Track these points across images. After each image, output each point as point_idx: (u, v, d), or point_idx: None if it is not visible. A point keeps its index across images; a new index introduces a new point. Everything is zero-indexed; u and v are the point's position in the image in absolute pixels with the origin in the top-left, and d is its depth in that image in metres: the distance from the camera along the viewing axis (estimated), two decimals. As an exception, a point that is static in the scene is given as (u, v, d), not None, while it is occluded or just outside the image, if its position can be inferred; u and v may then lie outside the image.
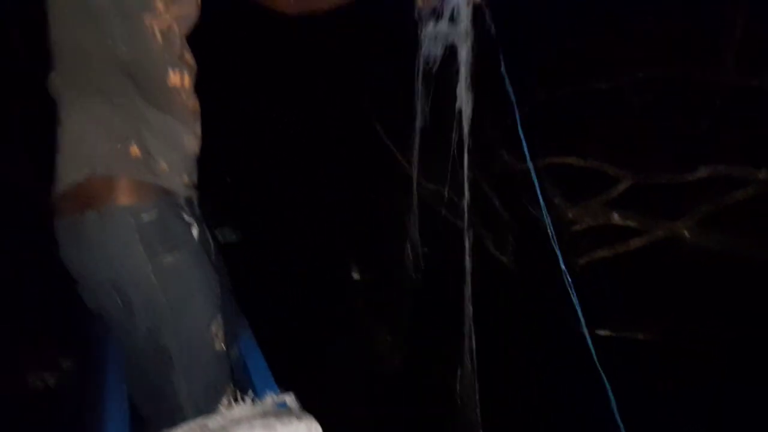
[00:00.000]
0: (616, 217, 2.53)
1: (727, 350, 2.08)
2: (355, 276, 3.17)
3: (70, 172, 1.02)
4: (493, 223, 3.02)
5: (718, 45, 2.31)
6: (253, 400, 0.97)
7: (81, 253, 1.04)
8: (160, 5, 1.03)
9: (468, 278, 1.15)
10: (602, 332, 2.27)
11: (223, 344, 1.09)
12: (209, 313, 1.09)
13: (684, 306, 2.29)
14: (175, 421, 0.93)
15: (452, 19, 0.99)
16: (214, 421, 0.90)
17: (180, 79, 1.09)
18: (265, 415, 0.92)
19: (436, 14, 0.99)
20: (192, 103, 1.14)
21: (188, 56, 1.13)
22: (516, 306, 2.61)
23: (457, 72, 1.02)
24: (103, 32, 0.99)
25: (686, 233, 2.29)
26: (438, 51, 1.00)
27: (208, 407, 0.96)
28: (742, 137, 2.24)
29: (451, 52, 1.01)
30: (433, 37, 0.99)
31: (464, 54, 0.97)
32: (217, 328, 1.09)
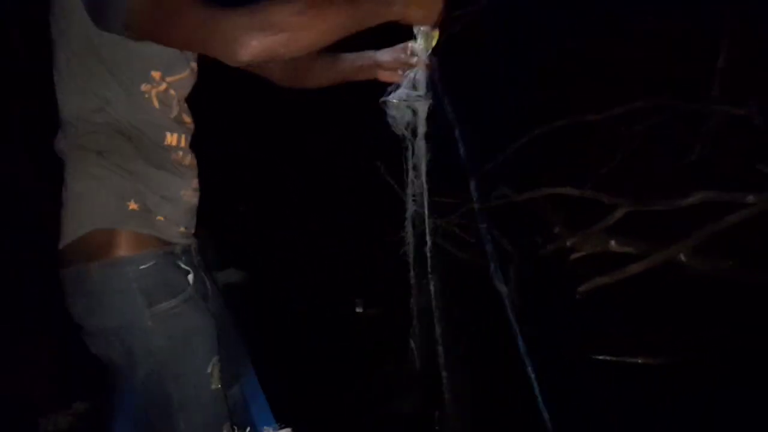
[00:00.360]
0: (614, 244, 2.59)
1: (726, 373, 2.11)
2: (359, 309, 3.22)
3: (73, 226, 1.10)
4: (495, 254, 3.07)
5: (704, 76, 2.41)
6: None
7: (84, 301, 1.11)
8: (156, 75, 1.10)
9: (438, 327, 1.24)
10: (602, 357, 2.30)
11: (219, 384, 1.15)
12: (206, 355, 1.14)
13: (683, 329, 2.32)
14: None
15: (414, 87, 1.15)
16: None
17: (177, 139, 1.16)
18: None
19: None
20: (189, 159, 1.21)
21: (186, 117, 1.21)
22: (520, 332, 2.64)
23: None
24: (103, 100, 1.07)
25: (683, 258, 2.34)
26: (407, 115, 1.16)
27: None
28: (731, 164, 2.31)
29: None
30: (398, 105, 1.14)
31: (422, 114, 1.14)
32: (213, 369, 1.14)
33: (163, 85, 1.13)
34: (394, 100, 1.14)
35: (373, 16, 0.98)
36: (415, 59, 1.16)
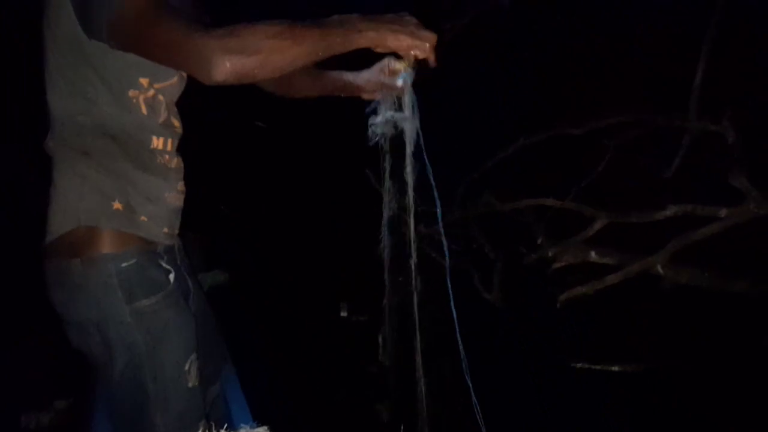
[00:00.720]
0: (593, 255, 2.65)
1: (700, 379, 2.17)
2: (344, 314, 3.25)
3: (58, 223, 1.14)
4: (479, 262, 3.13)
5: (681, 93, 2.49)
6: None
7: (66, 295, 1.15)
8: (144, 81, 1.14)
9: (417, 335, 1.29)
10: (579, 365, 2.36)
11: (197, 381, 1.19)
12: (184, 353, 1.18)
13: (659, 338, 2.39)
14: None
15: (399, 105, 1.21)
16: None
17: (163, 142, 1.20)
18: None
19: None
20: (175, 162, 1.25)
21: (175, 121, 1.25)
22: (502, 339, 2.70)
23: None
24: (90, 102, 1.11)
25: (660, 269, 2.41)
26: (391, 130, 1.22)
27: None
28: (705, 179, 2.39)
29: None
30: (383, 122, 1.20)
31: (409, 133, 1.19)
32: (191, 366, 1.18)
33: (151, 91, 1.15)
34: (378, 120, 1.19)
35: (345, 43, 1.01)
36: (398, 82, 1.19)
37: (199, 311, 1.31)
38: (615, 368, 2.31)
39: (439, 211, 1.21)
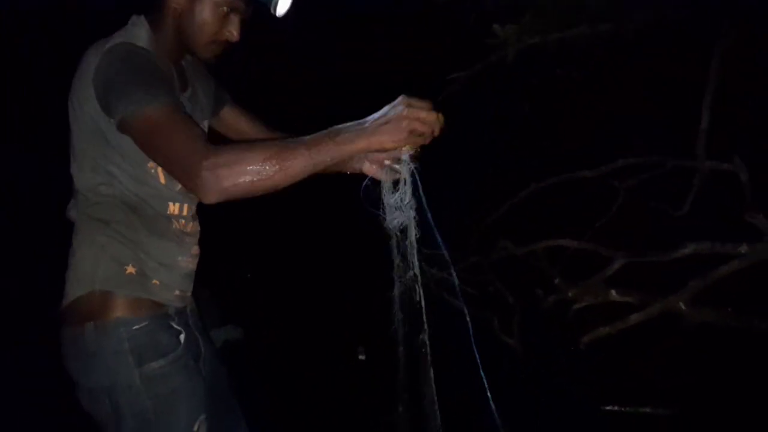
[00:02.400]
0: (614, 294, 2.66)
1: (730, 418, 2.14)
2: (362, 357, 3.22)
3: (74, 288, 1.19)
4: (497, 307, 3.13)
5: (688, 134, 2.55)
6: None
7: (79, 360, 1.18)
8: None
9: (431, 383, 1.30)
10: (610, 407, 2.32)
11: None
12: (192, 414, 1.19)
13: (685, 378, 2.36)
14: None
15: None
16: None
17: (179, 208, 1.25)
18: None
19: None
20: (191, 227, 1.30)
21: None
22: (522, 384, 2.67)
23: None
24: (110, 176, 1.18)
25: (682, 307, 2.41)
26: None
27: None
28: (721, 216, 2.42)
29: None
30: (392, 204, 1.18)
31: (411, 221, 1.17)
32: (199, 428, 1.19)
33: None
34: (389, 221, 1.17)
35: (338, 156, 1.01)
36: (401, 169, 1.13)
37: (211, 372, 1.33)
38: (647, 410, 2.27)
39: (445, 252, 1.21)
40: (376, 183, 1.19)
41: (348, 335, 3.52)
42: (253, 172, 0.97)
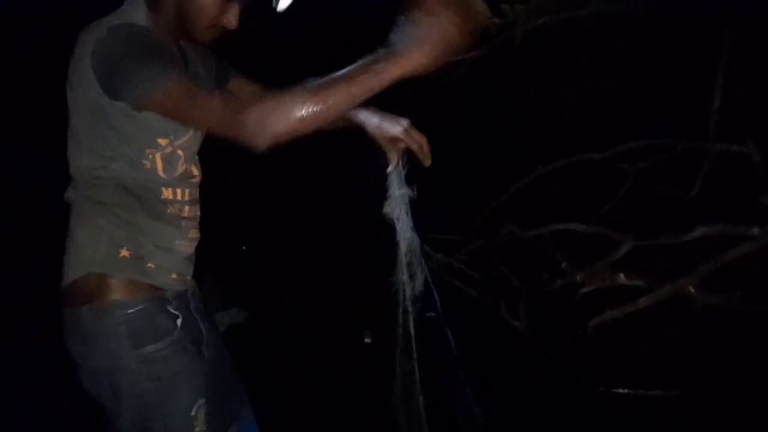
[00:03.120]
0: (622, 278, 2.64)
1: (739, 401, 2.13)
2: (368, 340, 3.22)
3: (70, 270, 1.20)
4: (503, 290, 3.12)
5: (700, 114, 2.52)
6: None
7: (79, 343, 1.19)
8: (163, 141, 1.20)
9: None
10: (621, 390, 2.32)
11: (204, 426, 1.20)
12: (191, 397, 1.19)
13: (696, 361, 2.35)
14: None
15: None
16: None
17: (173, 193, 1.24)
18: None
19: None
20: (188, 211, 1.28)
21: (195, 170, 1.30)
22: (529, 367, 2.67)
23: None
24: (109, 160, 1.17)
25: (691, 290, 2.39)
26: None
27: None
28: (733, 199, 2.40)
29: None
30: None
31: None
32: (198, 411, 1.19)
33: (169, 149, 1.21)
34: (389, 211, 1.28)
35: (377, 86, 1.01)
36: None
37: (214, 356, 1.33)
38: (656, 393, 2.26)
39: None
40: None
41: (353, 318, 3.51)
42: (296, 114, 1.01)
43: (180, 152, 1.22)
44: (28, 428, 2.52)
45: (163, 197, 1.22)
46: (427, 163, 1.24)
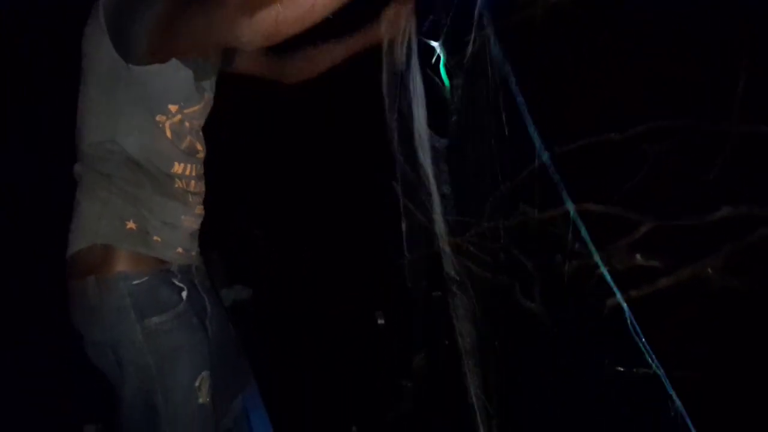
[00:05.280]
0: (639, 258, 2.61)
1: (756, 382, 2.12)
2: (381, 321, 3.21)
3: (76, 240, 1.21)
4: (519, 272, 3.09)
5: (723, 93, 2.48)
6: None
7: (83, 314, 1.21)
8: (173, 108, 1.21)
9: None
10: (638, 370, 2.29)
11: (208, 398, 1.22)
12: (194, 370, 1.21)
13: (716, 343, 2.34)
14: None
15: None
16: None
17: (183, 168, 1.26)
18: None
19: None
20: (194, 186, 1.30)
21: (199, 146, 1.31)
22: (545, 349, 2.65)
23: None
24: (117, 131, 1.18)
25: (712, 272, 2.37)
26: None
27: None
28: (759, 180, 2.36)
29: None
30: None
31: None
32: (201, 383, 1.21)
33: (178, 116, 1.22)
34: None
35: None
36: None
37: (219, 330, 1.34)
38: (675, 374, 2.24)
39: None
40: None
41: (364, 297, 3.49)
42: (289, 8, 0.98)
43: (187, 124, 1.23)
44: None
45: (172, 171, 1.23)
46: None
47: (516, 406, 2.18)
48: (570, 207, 1.14)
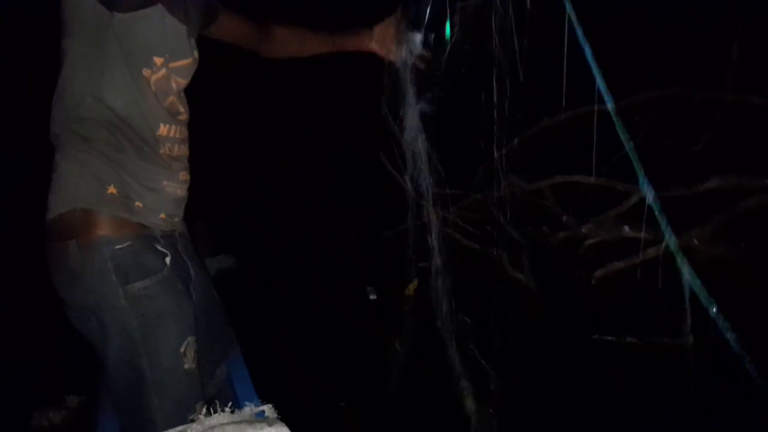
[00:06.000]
0: (627, 230, 2.63)
1: (749, 353, 2.16)
2: (373, 297, 3.19)
3: (56, 204, 1.16)
4: (507, 243, 3.09)
5: (716, 64, 2.48)
6: (232, 411, 1.03)
7: (65, 280, 1.16)
8: (159, 60, 1.17)
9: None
10: (630, 339, 2.33)
11: (194, 363, 1.19)
12: (179, 335, 1.18)
13: (704, 310, 2.37)
14: None
15: None
16: (192, 428, 0.97)
17: (168, 130, 1.21)
18: (240, 422, 0.98)
19: None
20: (177, 150, 1.25)
21: (181, 108, 1.26)
22: (535, 318, 2.67)
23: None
24: (100, 88, 1.13)
25: (698, 242, 2.39)
26: None
27: (178, 422, 1.03)
28: (748, 151, 2.38)
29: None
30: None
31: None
32: (187, 349, 1.18)
33: (163, 71, 1.17)
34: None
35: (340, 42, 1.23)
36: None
37: (203, 296, 1.32)
38: (662, 341, 2.28)
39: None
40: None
41: (349, 266, 3.48)
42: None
43: (173, 83, 1.20)
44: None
45: (155, 132, 1.19)
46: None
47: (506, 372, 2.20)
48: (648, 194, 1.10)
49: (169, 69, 1.18)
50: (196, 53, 1.27)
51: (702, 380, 2.05)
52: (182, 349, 1.17)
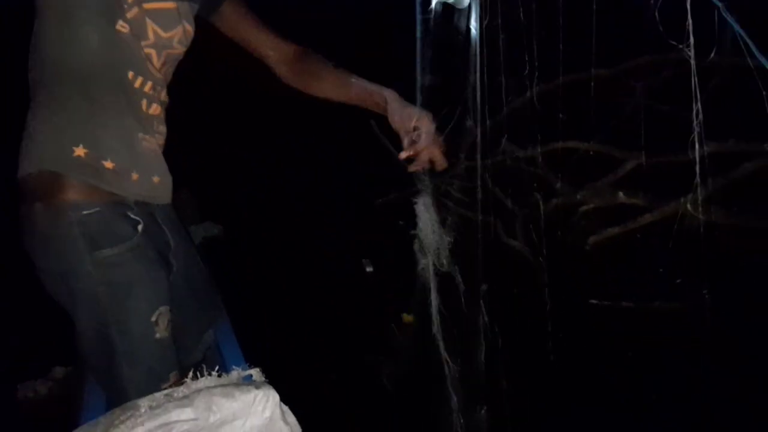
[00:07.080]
0: (622, 196, 2.62)
1: (741, 317, 2.18)
2: (369, 269, 3.18)
3: (24, 163, 1.13)
4: (501, 211, 3.08)
5: (713, 27, 2.43)
6: (219, 374, 1.01)
7: (32, 241, 1.13)
8: None
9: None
10: (625, 304, 2.34)
11: (166, 332, 1.16)
12: (150, 304, 1.15)
13: (697, 276, 2.38)
14: (122, 402, 0.99)
15: None
16: (178, 392, 0.95)
17: (141, 82, 1.15)
18: (227, 385, 0.97)
19: None
20: (154, 108, 1.20)
21: (158, 63, 1.20)
22: (529, 286, 2.66)
23: None
24: (76, 41, 1.08)
25: (693, 207, 2.38)
26: None
27: (150, 391, 1.00)
28: (745, 115, 2.36)
29: None
30: None
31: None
32: (159, 318, 1.15)
33: (135, 9, 1.10)
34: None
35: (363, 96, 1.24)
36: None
37: (186, 265, 1.30)
38: (655, 305, 2.29)
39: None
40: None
41: (339, 236, 3.46)
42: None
43: (151, 32, 1.14)
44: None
45: (135, 86, 1.14)
46: (439, 168, 1.37)
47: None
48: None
49: (143, 10, 1.11)
50: (188, 25, 1.21)
51: (702, 380, 2.08)
52: (153, 318, 1.14)
